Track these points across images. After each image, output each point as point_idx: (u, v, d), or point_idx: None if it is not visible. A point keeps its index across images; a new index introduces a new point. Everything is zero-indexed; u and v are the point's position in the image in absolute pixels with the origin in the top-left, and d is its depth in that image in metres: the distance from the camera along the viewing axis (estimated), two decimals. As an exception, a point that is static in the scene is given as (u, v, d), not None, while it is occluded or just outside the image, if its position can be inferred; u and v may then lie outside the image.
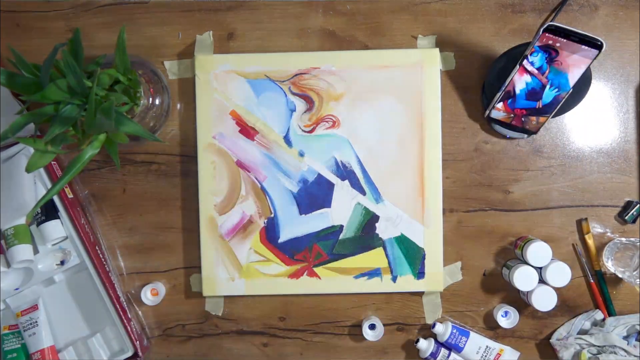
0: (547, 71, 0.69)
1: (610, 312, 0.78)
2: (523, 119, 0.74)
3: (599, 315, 0.78)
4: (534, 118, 0.74)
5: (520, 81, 0.71)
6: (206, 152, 0.78)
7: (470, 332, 0.78)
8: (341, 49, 0.79)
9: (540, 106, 0.72)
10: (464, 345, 0.77)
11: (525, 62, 0.69)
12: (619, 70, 0.78)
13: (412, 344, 0.81)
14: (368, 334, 0.78)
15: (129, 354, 0.77)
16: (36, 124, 0.63)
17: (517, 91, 0.72)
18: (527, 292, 0.76)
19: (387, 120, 0.77)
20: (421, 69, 0.77)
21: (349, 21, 0.79)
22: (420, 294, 0.80)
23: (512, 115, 0.74)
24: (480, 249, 0.80)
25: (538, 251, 0.74)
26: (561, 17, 0.78)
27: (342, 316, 0.81)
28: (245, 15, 0.79)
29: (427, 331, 0.80)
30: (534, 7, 0.78)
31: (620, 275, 0.76)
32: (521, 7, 0.78)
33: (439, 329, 0.78)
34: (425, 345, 0.77)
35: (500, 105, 0.73)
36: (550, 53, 0.68)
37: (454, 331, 0.77)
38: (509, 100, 0.73)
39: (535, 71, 0.69)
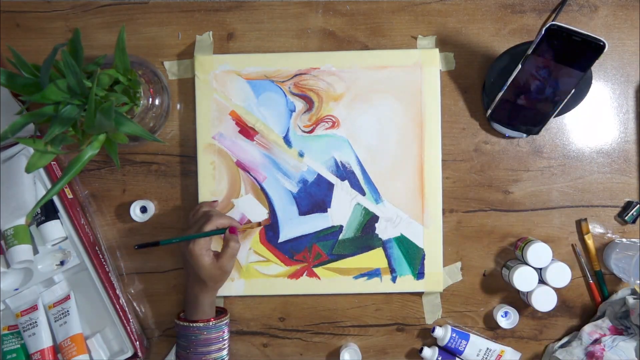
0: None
1: (610, 313, 0.78)
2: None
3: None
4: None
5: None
6: (206, 153, 0.78)
7: (470, 334, 0.78)
8: (341, 49, 0.79)
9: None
10: (464, 348, 0.77)
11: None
12: (619, 70, 0.78)
13: (412, 344, 0.81)
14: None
15: (129, 354, 0.77)
16: (36, 124, 0.63)
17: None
18: (527, 292, 0.75)
19: (386, 120, 0.77)
20: (421, 69, 0.77)
21: (349, 21, 0.79)
22: (420, 294, 0.80)
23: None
24: (480, 249, 0.79)
25: (538, 253, 0.74)
26: (561, 17, 0.78)
27: (341, 316, 0.81)
28: (245, 16, 0.79)
29: (428, 335, 0.80)
30: (534, 8, 0.78)
31: (619, 276, 0.76)
32: (521, 7, 0.78)
33: (438, 333, 0.77)
34: (429, 354, 0.77)
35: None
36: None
37: (454, 335, 0.77)
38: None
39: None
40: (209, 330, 0.71)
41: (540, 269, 0.75)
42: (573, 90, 0.70)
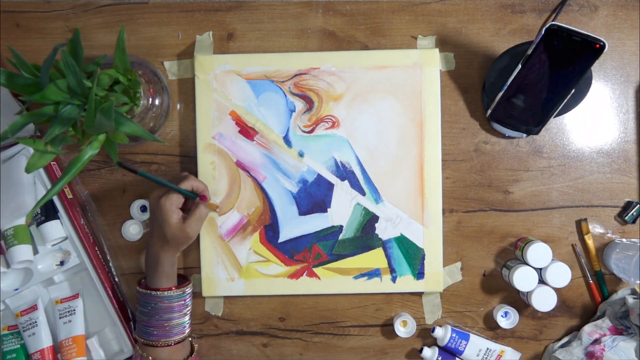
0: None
1: (610, 313, 0.78)
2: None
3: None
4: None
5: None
6: (206, 153, 0.78)
7: (470, 334, 0.78)
8: (341, 49, 0.79)
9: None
10: (464, 348, 0.77)
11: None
12: (619, 70, 0.78)
13: (412, 344, 0.81)
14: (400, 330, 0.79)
15: (129, 354, 0.77)
16: (36, 124, 0.63)
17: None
18: (527, 292, 0.75)
19: (386, 120, 0.77)
20: (421, 69, 0.77)
21: (349, 21, 0.79)
22: (420, 294, 0.80)
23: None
24: (480, 249, 0.79)
25: (538, 253, 0.74)
26: (561, 17, 0.78)
27: (341, 316, 0.81)
28: (245, 16, 0.79)
29: (428, 335, 0.80)
30: (534, 8, 0.78)
31: (619, 276, 0.76)
32: (521, 7, 0.78)
33: (438, 333, 0.77)
34: (429, 354, 0.77)
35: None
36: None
37: (454, 335, 0.77)
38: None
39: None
40: (171, 299, 0.71)
41: (540, 269, 0.75)
42: (573, 90, 0.70)
